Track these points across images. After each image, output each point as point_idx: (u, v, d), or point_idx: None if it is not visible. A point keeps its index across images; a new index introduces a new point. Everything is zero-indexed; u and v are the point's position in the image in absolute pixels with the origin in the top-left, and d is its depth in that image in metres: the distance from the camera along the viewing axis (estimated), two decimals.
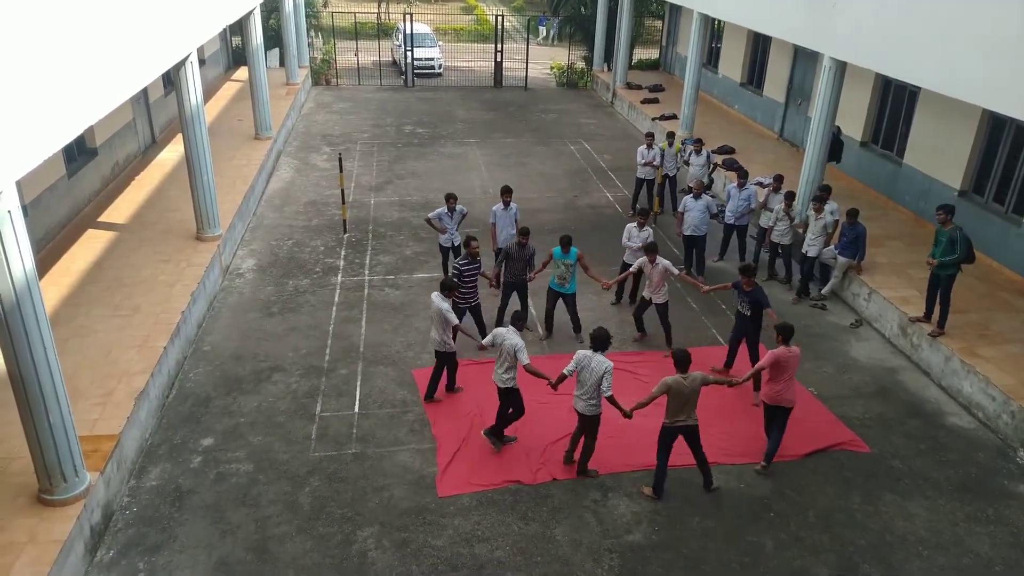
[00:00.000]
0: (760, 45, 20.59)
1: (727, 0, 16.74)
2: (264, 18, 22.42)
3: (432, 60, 28.12)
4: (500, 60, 26.94)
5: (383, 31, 32.62)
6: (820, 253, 12.11)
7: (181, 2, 10.97)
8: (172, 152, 16.47)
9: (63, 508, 6.93)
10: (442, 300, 9.03)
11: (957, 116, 13.10)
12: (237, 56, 25.59)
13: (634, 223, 11.64)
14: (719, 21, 21.46)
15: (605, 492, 8.23)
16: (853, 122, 15.99)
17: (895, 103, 15.18)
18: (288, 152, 19.05)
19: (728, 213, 13.26)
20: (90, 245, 12.13)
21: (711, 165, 15.20)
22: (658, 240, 14.10)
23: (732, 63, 22.10)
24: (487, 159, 19.00)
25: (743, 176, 13.30)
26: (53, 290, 10.57)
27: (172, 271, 11.35)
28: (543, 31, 38.21)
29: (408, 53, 26.32)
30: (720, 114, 21.72)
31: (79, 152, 13.75)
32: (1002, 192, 12.65)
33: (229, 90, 22.60)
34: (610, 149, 20.13)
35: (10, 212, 5.97)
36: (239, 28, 18.29)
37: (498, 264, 10.53)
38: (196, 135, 11.90)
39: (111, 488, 7.65)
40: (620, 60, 24.47)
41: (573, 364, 7.99)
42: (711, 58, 23.33)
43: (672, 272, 10.45)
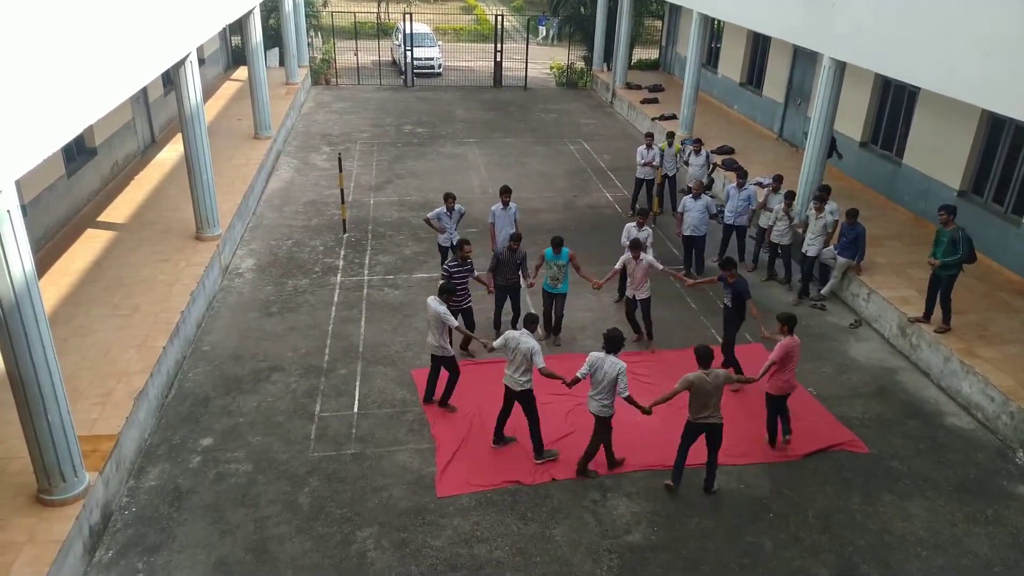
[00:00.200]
0: (759, 45, 20.59)
1: (727, 0, 16.74)
2: (264, 17, 22.41)
3: (432, 60, 28.12)
4: (500, 60, 26.94)
5: (383, 31, 32.61)
6: (820, 253, 12.12)
7: (181, 1, 10.96)
8: (171, 152, 16.46)
9: (62, 508, 6.92)
10: (439, 304, 8.92)
11: (956, 116, 13.10)
12: (237, 55, 25.58)
13: (633, 223, 11.64)
14: (719, 21, 21.47)
15: (604, 492, 8.23)
16: (852, 122, 16.00)
17: (894, 103, 15.18)
18: (288, 152, 19.04)
19: (727, 213, 13.26)
20: (89, 245, 12.12)
21: (710, 165, 15.20)
22: (658, 240, 14.16)
23: (732, 63, 22.11)
24: (486, 159, 18.99)
25: (742, 176, 13.30)
26: (52, 290, 10.56)
27: (171, 271, 11.34)
28: (543, 31, 38.20)
29: (408, 53, 26.32)
30: (720, 114, 21.72)
31: (78, 151, 13.75)
32: (1001, 192, 12.65)
33: (229, 89, 22.59)
34: (609, 149, 20.13)
35: (9, 212, 5.97)
36: (239, 27, 18.29)
37: (490, 269, 10.48)
38: (195, 135, 11.89)
39: (110, 488, 7.65)
40: (620, 60, 24.47)
41: (587, 367, 7.98)
42: (711, 58, 23.33)
43: (656, 267, 10.55)
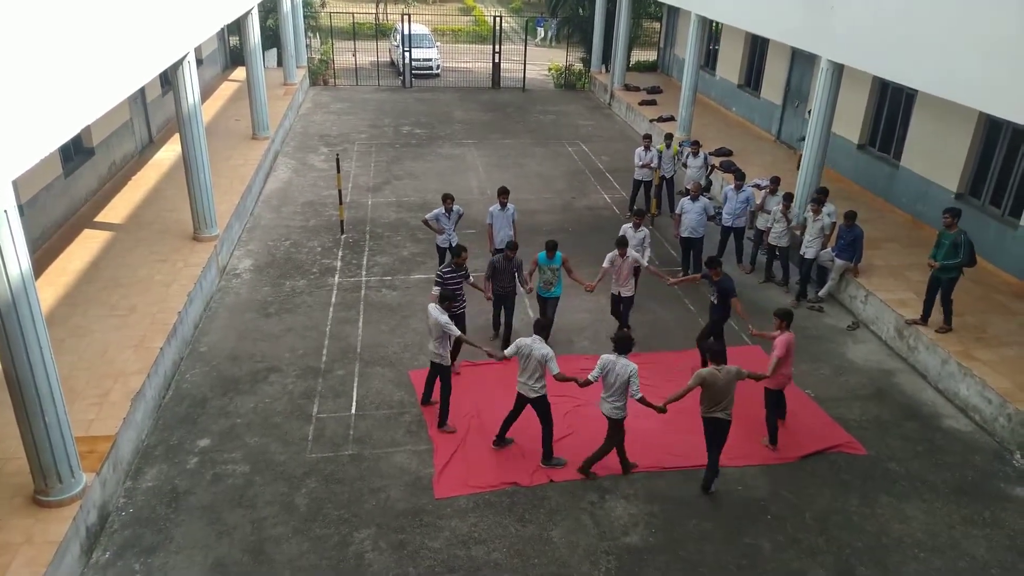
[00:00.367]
0: (758, 47, 20.62)
1: (725, 2, 16.75)
2: (262, 18, 22.41)
3: (430, 61, 28.11)
4: (498, 61, 26.96)
5: (381, 32, 32.60)
6: (818, 255, 12.12)
7: (179, 2, 10.95)
8: (169, 152, 16.44)
9: (59, 509, 6.91)
10: (440, 312, 8.74)
11: (954, 119, 13.12)
12: (235, 56, 25.56)
13: (630, 224, 11.65)
14: (717, 23, 21.49)
15: (602, 494, 8.22)
16: (850, 125, 16.02)
17: (892, 105, 15.21)
18: (285, 152, 19.03)
19: (725, 215, 13.27)
20: (86, 245, 12.10)
21: (708, 167, 15.21)
22: (656, 242, 14.16)
23: (730, 65, 22.13)
24: (485, 160, 18.99)
25: (740, 178, 13.31)
26: (49, 290, 10.54)
27: (169, 271, 11.32)
28: (541, 32, 38.22)
29: (406, 54, 26.32)
30: (718, 116, 21.74)
31: (76, 152, 13.72)
32: (999, 195, 12.67)
33: (227, 90, 22.57)
34: (608, 150, 20.14)
35: (6, 212, 5.96)
36: (237, 28, 18.28)
37: (487, 278, 10.34)
38: (193, 135, 11.88)
39: (107, 489, 7.63)
40: (618, 62, 24.49)
41: (598, 370, 8.00)
42: (709, 60, 23.36)
43: (642, 263, 10.68)
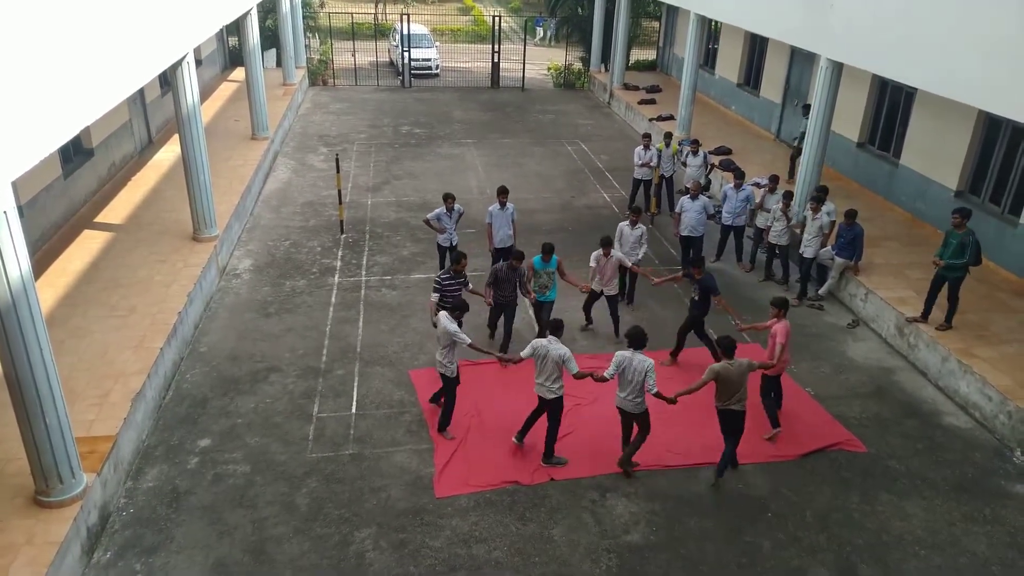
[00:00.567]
0: (757, 46, 20.61)
1: (724, 1, 16.75)
2: (261, 18, 22.40)
3: (429, 61, 28.11)
4: (497, 61, 26.95)
5: (380, 32, 32.60)
6: (817, 254, 12.12)
7: (178, 2, 10.95)
8: (169, 152, 16.44)
9: (60, 509, 6.91)
10: (450, 321, 8.57)
11: (953, 117, 13.12)
12: (234, 56, 25.56)
13: (626, 222, 11.66)
14: (716, 22, 21.49)
15: (603, 493, 8.23)
16: (850, 123, 16.02)
17: (891, 104, 15.21)
18: (285, 153, 19.03)
19: (725, 214, 13.27)
20: (86, 246, 12.10)
21: (708, 166, 15.21)
22: (656, 241, 14.18)
23: (729, 64, 22.13)
24: (484, 160, 18.99)
25: (740, 177, 13.32)
26: (49, 291, 10.54)
27: (168, 272, 11.33)
28: (540, 32, 38.21)
29: (405, 54, 26.31)
30: (717, 115, 21.74)
31: (75, 152, 13.72)
32: (998, 193, 12.67)
33: (226, 90, 22.57)
34: (607, 150, 20.14)
35: (6, 213, 5.96)
36: (236, 28, 18.28)
37: (488, 285, 10.21)
38: (193, 135, 11.88)
39: (108, 489, 7.63)
40: (617, 61, 24.49)
41: (614, 367, 8.05)
42: (708, 59, 23.35)
43: (626, 264, 10.73)
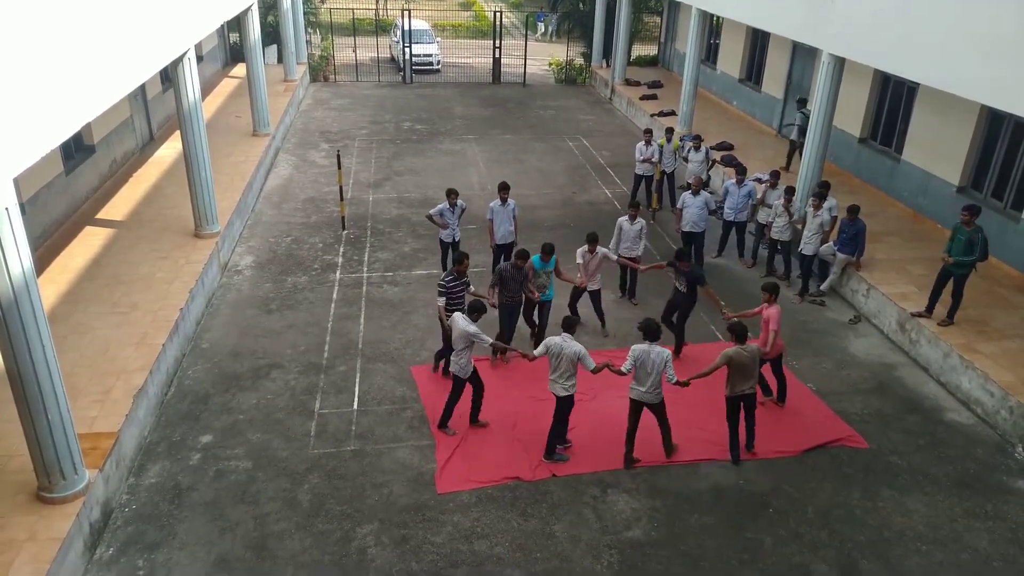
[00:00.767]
0: (759, 41, 20.56)
1: None
2: (262, 14, 22.37)
3: (430, 56, 28.07)
4: (498, 56, 26.90)
5: (381, 27, 32.56)
6: (817, 251, 12.09)
7: None
8: (170, 149, 16.43)
9: (62, 506, 6.92)
10: (468, 323, 8.46)
11: (955, 112, 13.09)
12: (235, 52, 25.53)
13: (626, 216, 11.65)
14: (717, 17, 21.44)
15: (604, 488, 8.23)
16: (852, 118, 15.99)
17: (893, 99, 15.17)
18: (286, 149, 19.02)
19: (727, 210, 13.25)
20: (88, 242, 12.11)
21: (710, 161, 15.19)
22: (658, 236, 14.17)
23: (731, 59, 22.08)
24: (485, 155, 18.98)
25: (741, 172, 13.29)
26: (51, 288, 10.55)
27: (170, 268, 11.33)
28: (541, 27, 38.13)
29: (406, 49, 26.27)
30: (719, 110, 21.70)
31: (77, 149, 13.72)
32: (1000, 188, 12.65)
33: (227, 87, 22.56)
34: (609, 145, 20.12)
35: (7, 209, 5.96)
36: (237, 24, 18.25)
37: (492, 285, 10.05)
38: (194, 132, 11.87)
39: (110, 485, 7.65)
40: (619, 56, 24.44)
41: (631, 361, 8.10)
42: (709, 54, 23.30)
43: (611, 258, 10.80)
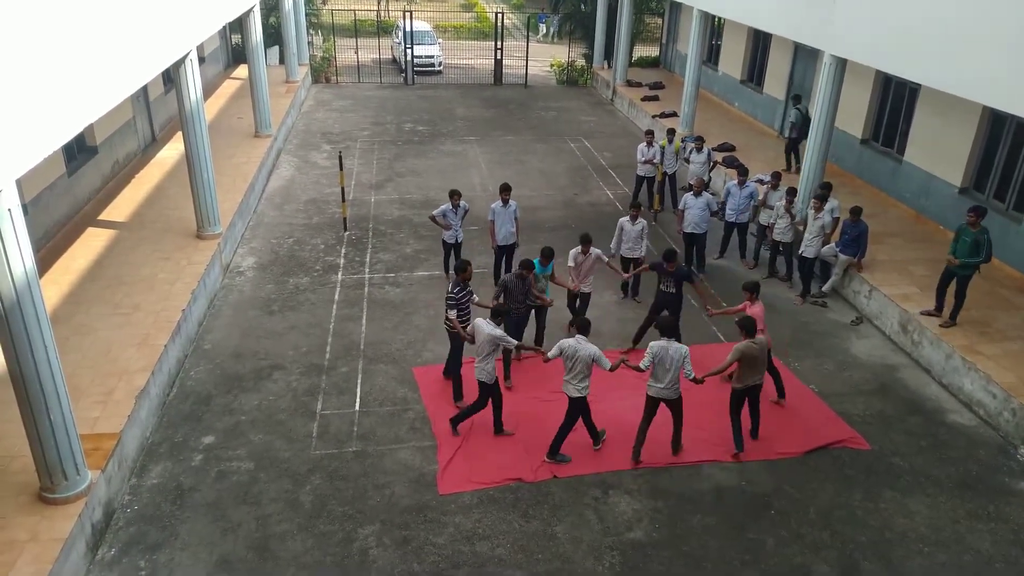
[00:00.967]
0: (760, 42, 20.56)
1: None
2: (264, 16, 22.39)
3: (432, 58, 28.09)
4: (500, 58, 26.91)
5: (383, 29, 32.57)
6: (818, 253, 12.06)
7: (181, 0, 10.95)
8: (172, 150, 16.45)
9: (64, 506, 6.93)
10: (493, 327, 8.43)
11: (957, 113, 13.08)
12: (237, 54, 25.55)
13: (627, 217, 11.66)
14: (719, 18, 21.44)
15: (606, 490, 8.23)
16: (853, 119, 15.98)
17: (895, 100, 15.16)
18: (288, 150, 19.04)
19: (729, 211, 13.25)
20: (90, 243, 12.12)
21: (712, 163, 15.19)
22: (659, 238, 14.17)
23: (732, 60, 22.08)
24: (487, 157, 18.99)
25: (743, 173, 13.29)
26: (53, 288, 10.56)
27: (172, 269, 11.35)
28: (543, 28, 38.16)
29: (408, 51, 26.30)
30: (720, 111, 21.69)
31: (79, 150, 13.74)
32: (1003, 189, 12.64)
33: (229, 88, 22.58)
34: (610, 147, 20.12)
35: (10, 210, 5.97)
36: (239, 26, 18.29)
37: (495, 297, 9.86)
38: (196, 133, 11.88)
39: (112, 486, 7.65)
40: (620, 57, 24.44)
41: (649, 358, 8.16)
42: (711, 55, 23.30)
43: (603, 260, 10.72)
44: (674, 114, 20.45)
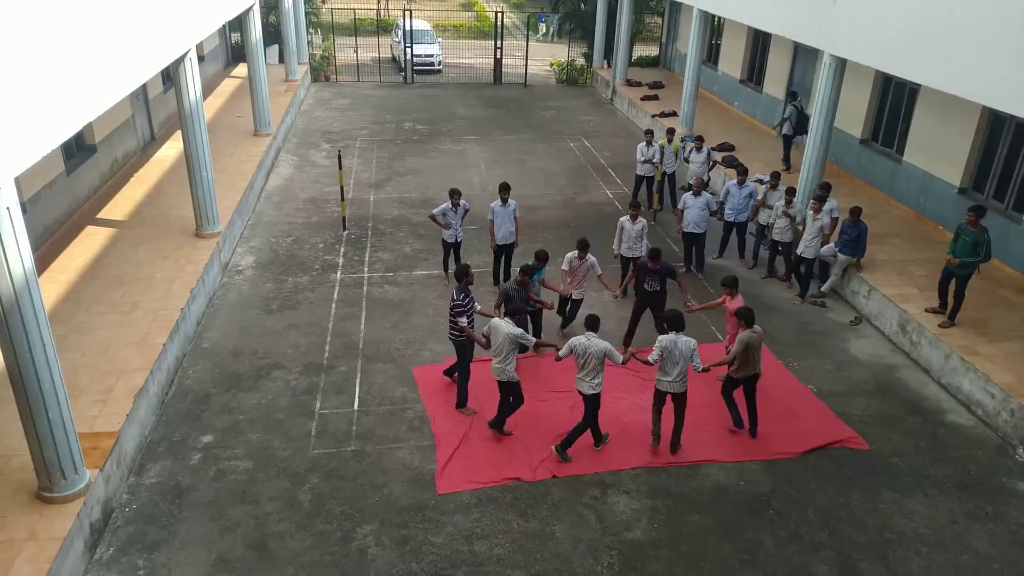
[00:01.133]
0: (760, 42, 20.56)
1: None
2: (263, 14, 22.39)
3: (432, 57, 28.09)
4: (500, 57, 26.92)
5: (382, 27, 32.55)
6: (817, 254, 12.04)
7: None
8: (171, 149, 16.43)
9: (63, 505, 6.92)
10: (512, 326, 8.44)
11: (957, 113, 13.08)
12: (236, 52, 25.55)
13: (627, 216, 11.65)
14: (719, 18, 21.43)
15: (604, 489, 8.23)
16: (853, 119, 15.98)
17: (895, 100, 15.16)
18: (287, 149, 19.03)
19: (728, 210, 13.24)
20: (89, 242, 12.11)
21: (711, 162, 15.19)
22: (659, 238, 14.16)
23: (732, 60, 22.08)
24: (486, 156, 18.98)
25: (742, 173, 13.28)
26: (52, 287, 10.55)
27: (171, 268, 11.34)
28: (543, 27, 38.14)
29: (407, 50, 26.28)
30: (720, 111, 21.69)
31: (78, 149, 13.73)
32: (1002, 189, 12.64)
33: (228, 87, 22.56)
34: (610, 146, 20.11)
35: (9, 209, 5.96)
36: (238, 24, 18.27)
37: (497, 305, 9.78)
38: (195, 132, 11.88)
39: (111, 485, 7.65)
40: (620, 57, 24.44)
41: (658, 351, 8.22)
42: (711, 55, 23.29)
43: (597, 271, 10.58)
44: (674, 113, 20.45)
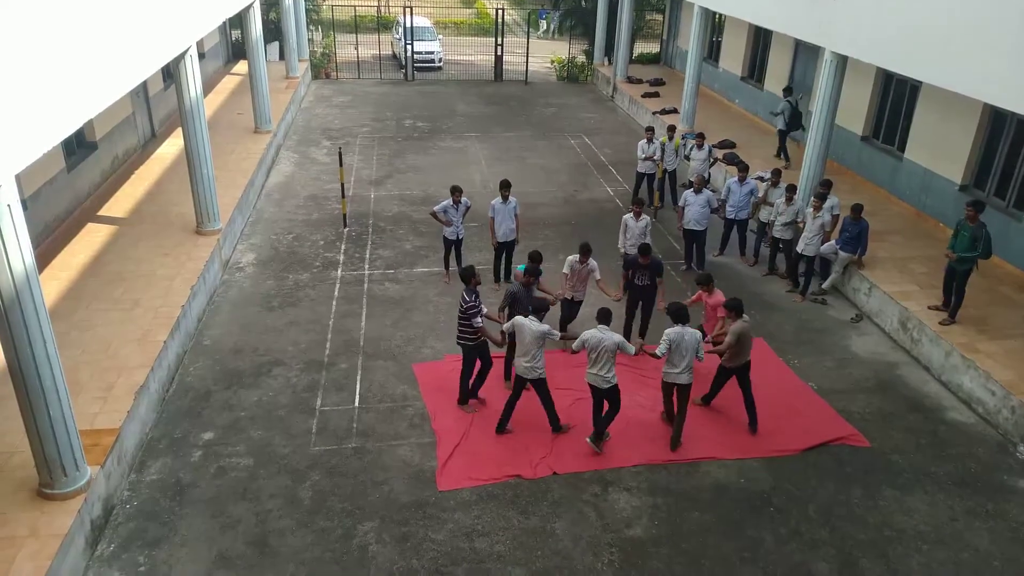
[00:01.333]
0: (761, 39, 20.54)
1: None
2: (264, 11, 22.36)
3: (432, 54, 28.07)
4: (500, 54, 26.89)
5: (383, 25, 32.52)
6: (817, 252, 12.03)
7: None
8: (172, 146, 16.43)
9: (64, 502, 6.93)
10: (538, 323, 8.40)
11: (958, 110, 13.06)
12: (237, 50, 25.54)
13: (630, 214, 11.63)
14: (720, 15, 21.40)
15: (605, 486, 8.23)
16: (854, 116, 15.96)
17: (896, 97, 15.14)
18: (288, 146, 19.02)
19: (729, 208, 13.23)
20: (90, 239, 12.12)
21: (712, 160, 15.17)
22: (659, 235, 14.15)
23: (733, 57, 22.05)
24: (487, 153, 18.97)
25: (743, 170, 13.27)
26: (53, 284, 10.56)
27: (172, 265, 11.34)
28: (544, 25, 38.08)
29: (408, 47, 26.26)
30: (721, 108, 21.67)
31: (79, 146, 13.72)
32: (1003, 187, 12.62)
33: (229, 84, 22.56)
34: (611, 143, 20.10)
35: (9, 206, 5.96)
36: (239, 21, 18.26)
37: (501, 309, 9.71)
38: (196, 129, 11.87)
39: (111, 482, 7.66)
40: (621, 54, 24.42)
41: (665, 344, 8.29)
42: (712, 52, 23.27)
43: (595, 276, 10.43)
44: (674, 110, 20.43)
